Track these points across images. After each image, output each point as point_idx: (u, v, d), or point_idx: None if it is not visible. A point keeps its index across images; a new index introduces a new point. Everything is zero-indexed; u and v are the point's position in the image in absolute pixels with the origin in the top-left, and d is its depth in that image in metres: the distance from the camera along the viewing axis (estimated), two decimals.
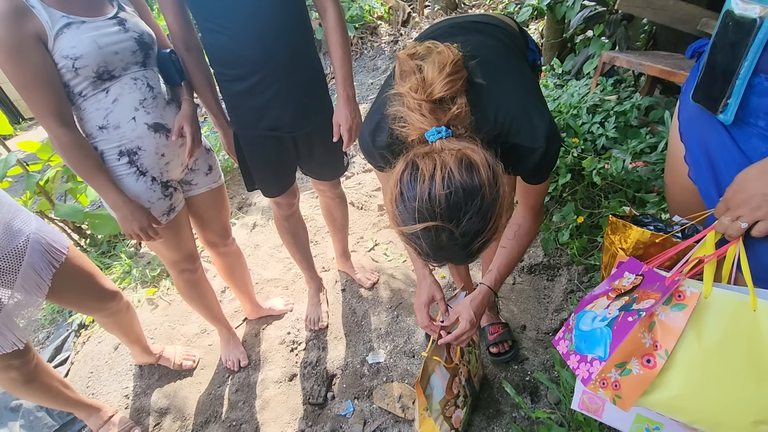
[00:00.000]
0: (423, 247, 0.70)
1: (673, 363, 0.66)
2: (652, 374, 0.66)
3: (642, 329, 0.68)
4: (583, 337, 0.76)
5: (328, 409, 1.49)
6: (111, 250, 2.52)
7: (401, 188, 0.68)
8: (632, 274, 0.78)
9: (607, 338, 0.71)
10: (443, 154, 0.66)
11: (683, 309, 0.66)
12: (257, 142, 1.38)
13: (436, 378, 1.19)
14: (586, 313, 0.78)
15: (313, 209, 2.63)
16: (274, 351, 1.75)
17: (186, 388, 1.65)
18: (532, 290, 1.80)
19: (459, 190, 0.64)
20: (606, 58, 2.15)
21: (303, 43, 1.28)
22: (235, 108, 1.34)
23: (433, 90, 0.71)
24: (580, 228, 1.82)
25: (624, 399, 0.68)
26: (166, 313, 2.04)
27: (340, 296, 1.96)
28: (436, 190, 0.64)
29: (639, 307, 0.70)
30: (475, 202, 0.65)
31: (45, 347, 1.95)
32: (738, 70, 0.68)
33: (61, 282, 1.22)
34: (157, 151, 1.21)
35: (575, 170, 1.90)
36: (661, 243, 0.82)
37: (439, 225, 0.66)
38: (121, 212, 1.17)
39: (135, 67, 1.15)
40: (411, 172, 0.68)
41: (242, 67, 1.22)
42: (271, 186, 1.51)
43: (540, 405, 1.36)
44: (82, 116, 1.13)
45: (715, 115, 0.74)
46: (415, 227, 0.67)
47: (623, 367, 0.69)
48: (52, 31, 1.02)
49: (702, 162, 0.82)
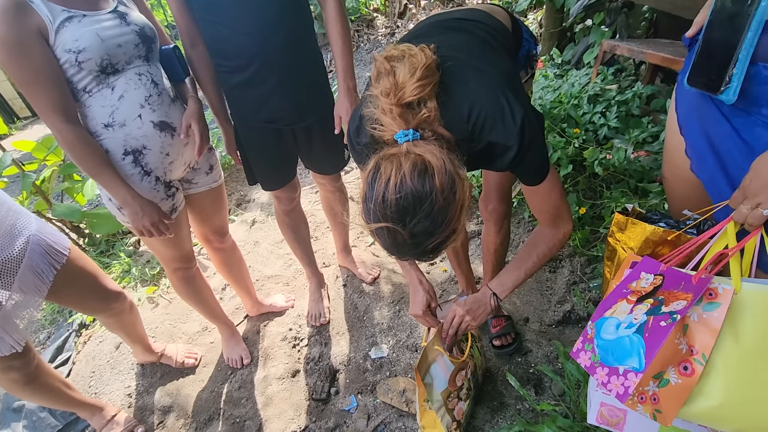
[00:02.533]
0: (384, 244, 0.75)
1: (711, 368, 0.60)
2: (691, 382, 0.61)
3: (678, 334, 0.63)
4: (609, 348, 0.69)
5: (331, 405, 1.49)
6: (110, 249, 2.51)
7: (366, 188, 0.73)
8: (650, 274, 0.73)
9: (639, 347, 0.65)
10: (403, 158, 0.70)
11: (717, 308, 0.61)
12: (256, 135, 1.36)
13: (438, 368, 1.18)
14: (607, 320, 0.73)
15: (313, 204, 2.61)
16: (276, 347, 1.74)
17: (189, 386, 1.65)
18: (535, 282, 1.79)
19: (408, 195, 0.68)
20: (606, 47, 2.12)
21: (302, 34, 1.27)
22: (234, 100, 1.32)
23: (404, 94, 0.74)
24: (582, 219, 1.81)
25: (665, 413, 0.63)
26: (166, 311, 2.03)
27: (341, 291, 1.95)
28: (389, 194, 0.68)
29: (670, 309, 0.65)
30: (424, 207, 0.68)
31: (46, 348, 1.94)
32: (740, 43, 0.66)
33: (64, 283, 1.21)
34: (162, 151, 1.19)
35: (577, 161, 1.89)
36: (673, 240, 0.78)
37: (390, 226, 0.70)
38: (132, 208, 1.15)
39: (138, 61, 1.13)
40: (374, 173, 0.72)
41: (240, 58, 1.21)
42: (270, 179, 1.49)
43: (544, 397, 1.36)
44: (87, 113, 1.11)
45: (715, 95, 0.71)
46: (371, 226, 0.73)
47: (660, 378, 0.64)
48: (53, 26, 1.00)
49: (706, 154, 0.80)
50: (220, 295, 2.07)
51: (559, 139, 1.88)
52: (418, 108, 0.76)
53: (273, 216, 2.58)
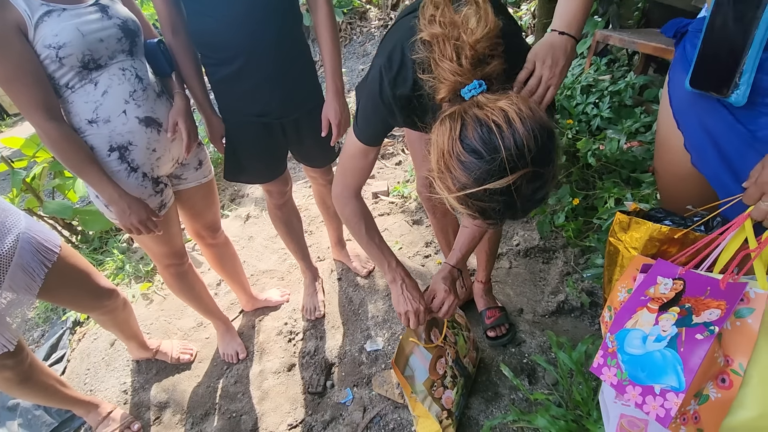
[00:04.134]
0: (493, 206, 0.64)
1: (748, 377, 0.57)
2: (730, 396, 0.57)
3: (716, 346, 0.59)
4: (638, 364, 0.63)
5: (327, 398, 1.49)
6: (103, 246, 2.49)
7: (469, 145, 0.63)
8: (668, 279, 0.68)
9: (675, 363, 0.60)
10: (497, 105, 0.62)
11: (752, 313, 0.57)
12: (245, 129, 1.35)
13: (417, 359, 1.19)
14: (630, 332, 0.67)
15: (306, 199, 2.60)
16: (272, 342, 1.74)
17: (184, 382, 1.65)
18: (528, 273, 1.79)
19: (543, 131, 0.61)
20: (599, 37, 2.12)
21: (291, 27, 1.25)
22: (222, 93, 1.31)
23: (479, 44, 0.66)
24: (576, 210, 1.82)
25: (706, 431, 0.59)
26: (161, 307, 2.03)
27: (336, 285, 1.95)
28: (521, 135, 0.60)
29: (703, 320, 0.60)
30: (555, 140, 0.63)
31: (40, 346, 1.93)
32: (748, 46, 0.64)
33: (56, 281, 1.20)
34: (148, 147, 1.17)
35: (570, 152, 1.89)
36: (680, 239, 0.74)
37: (530, 171, 0.61)
38: (119, 206, 1.14)
39: (122, 55, 1.11)
40: (475, 126, 0.62)
41: (228, 50, 1.20)
42: (260, 173, 1.49)
43: (538, 387, 1.37)
44: (70, 110, 1.09)
45: (724, 98, 0.69)
46: (506, 180, 0.61)
47: (700, 395, 0.59)
48: (32, 20, 0.97)
49: (708, 149, 0.78)
50: (214, 291, 2.06)
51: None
52: (485, 62, 0.68)
53: (267, 211, 2.57)
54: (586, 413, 1.13)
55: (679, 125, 0.85)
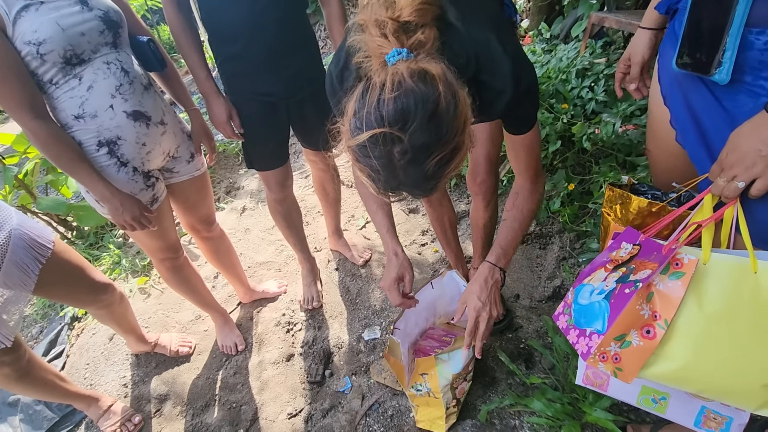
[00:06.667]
0: (374, 167, 0.65)
1: (674, 333, 0.64)
2: (652, 345, 0.65)
3: (640, 300, 0.67)
4: (581, 312, 0.75)
5: (326, 387, 1.50)
6: (99, 241, 2.48)
7: (355, 103, 0.65)
8: (629, 244, 0.76)
9: (605, 311, 0.70)
10: (397, 68, 0.63)
11: (681, 277, 0.65)
12: (249, 108, 1.37)
13: (460, 353, 1.18)
14: (584, 287, 0.77)
15: (303, 189, 2.59)
16: (270, 333, 1.75)
17: (184, 374, 1.66)
18: (525, 259, 1.80)
19: (409, 94, 0.60)
20: (595, 20, 2.08)
21: (295, 10, 1.29)
22: (228, 73, 1.33)
23: (402, 12, 0.67)
24: (572, 195, 1.81)
25: (625, 372, 0.67)
26: (159, 301, 2.03)
27: (334, 275, 1.96)
28: (385, 95, 0.61)
29: (636, 278, 0.69)
30: (427, 107, 0.60)
31: (39, 342, 1.93)
32: (729, 23, 0.64)
33: (50, 277, 1.19)
34: (137, 141, 1.16)
35: (565, 137, 1.88)
36: (657, 212, 0.80)
37: (387, 132, 0.61)
38: (111, 203, 1.13)
39: (105, 48, 1.08)
40: (365, 86, 0.64)
41: (232, 27, 1.23)
42: (264, 158, 1.49)
43: (534, 371, 1.38)
44: (56, 105, 1.07)
45: (707, 76, 0.70)
46: (362, 136, 0.62)
47: (622, 340, 0.68)
48: (10, 16, 0.95)
49: (688, 125, 0.79)
50: (212, 284, 2.06)
51: (548, 114, 1.86)
52: (414, 31, 0.68)
53: (263, 203, 2.56)
54: (582, 396, 1.14)
55: (666, 102, 0.86)
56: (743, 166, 0.62)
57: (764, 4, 0.61)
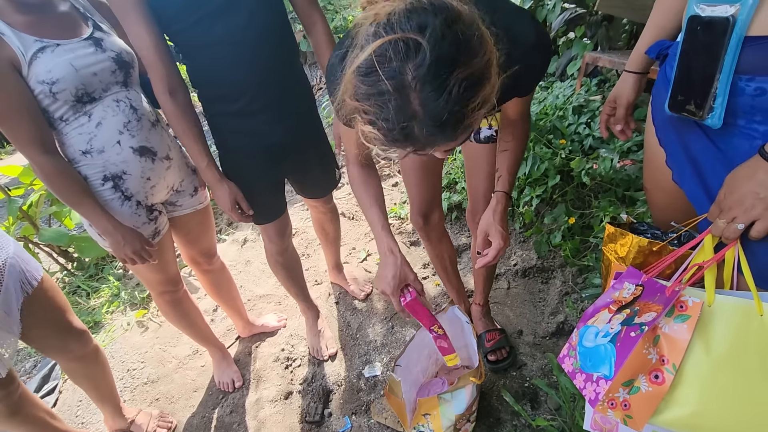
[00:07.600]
0: (382, 96, 0.53)
1: (683, 378, 0.63)
2: (661, 391, 0.63)
3: (646, 344, 0.66)
4: (587, 355, 0.73)
5: (325, 427, 1.45)
6: (99, 272, 2.47)
7: (357, 40, 0.57)
8: (632, 285, 0.76)
9: (611, 355, 0.68)
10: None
11: (687, 320, 0.64)
12: (249, 164, 1.29)
13: (464, 392, 1.17)
14: (589, 329, 0.76)
15: (303, 221, 2.60)
16: (269, 369, 1.71)
17: (179, 413, 1.61)
18: (527, 294, 1.78)
19: (423, 4, 0.53)
20: (589, 59, 2.16)
21: (293, 60, 1.26)
22: (227, 130, 1.26)
23: None
24: (572, 229, 1.82)
25: (635, 419, 0.65)
26: (156, 335, 2.00)
27: (333, 309, 1.93)
28: (395, 8, 0.53)
29: (641, 320, 0.68)
30: (447, 13, 0.52)
31: (32, 377, 1.89)
32: (718, 71, 0.66)
33: (29, 311, 1.13)
34: (142, 175, 1.18)
35: (564, 171, 1.90)
36: (658, 251, 0.80)
37: (400, 37, 0.51)
38: (113, 237, 1.13)
39: (116, 87, 1.12)
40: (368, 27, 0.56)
41: (232, 86, 1.16)
42: (267, 211, 1.41)
43: (540, 411, 1.34)
44: (64, 141, 1.10)
45: (701, 121, 0.72)
46: (368, 49, 0.52)
47: (631, 386, 0.66)
48: (26, 57, 0.99)
49: (685, 165, 0.81)
50: (211, 317, 2.03)
51: (546, 150, 1.90)
52: None
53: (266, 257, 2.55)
54: None
55: (661, 142, 0.87)
56: (742, 208, 0.63)
57: (752, 52, 0.64)
